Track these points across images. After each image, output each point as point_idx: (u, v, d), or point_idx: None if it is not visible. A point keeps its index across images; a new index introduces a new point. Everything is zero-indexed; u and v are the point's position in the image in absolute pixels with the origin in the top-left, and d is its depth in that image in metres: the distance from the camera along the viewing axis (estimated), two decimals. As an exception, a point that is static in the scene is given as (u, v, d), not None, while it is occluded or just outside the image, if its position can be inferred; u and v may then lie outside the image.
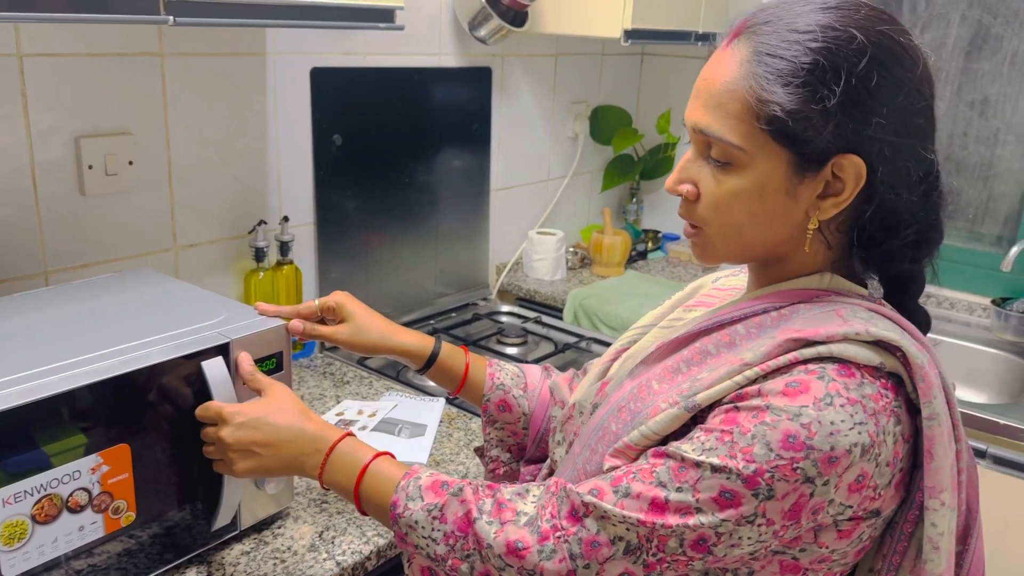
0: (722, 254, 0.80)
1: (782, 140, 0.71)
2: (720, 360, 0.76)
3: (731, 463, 0.67)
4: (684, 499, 0.68)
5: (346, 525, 1.11)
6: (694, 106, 0.76)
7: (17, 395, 0.80)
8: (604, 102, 2.34)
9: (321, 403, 1.44)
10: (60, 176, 1.27)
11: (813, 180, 0.73)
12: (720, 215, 0.76)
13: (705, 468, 0.68)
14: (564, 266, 2.19)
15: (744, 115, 0.72)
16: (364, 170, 1.74)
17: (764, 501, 0.67)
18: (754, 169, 0.73)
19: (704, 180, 0.76)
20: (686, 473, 0.69)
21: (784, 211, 0.75)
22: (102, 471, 0.86)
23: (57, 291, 1.11)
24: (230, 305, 1.08)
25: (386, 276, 1.83)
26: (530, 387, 1.07)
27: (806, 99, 0.69)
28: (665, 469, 0.70)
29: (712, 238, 0.79)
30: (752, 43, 0.72)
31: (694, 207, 0.78)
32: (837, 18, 0.71)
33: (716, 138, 0.73)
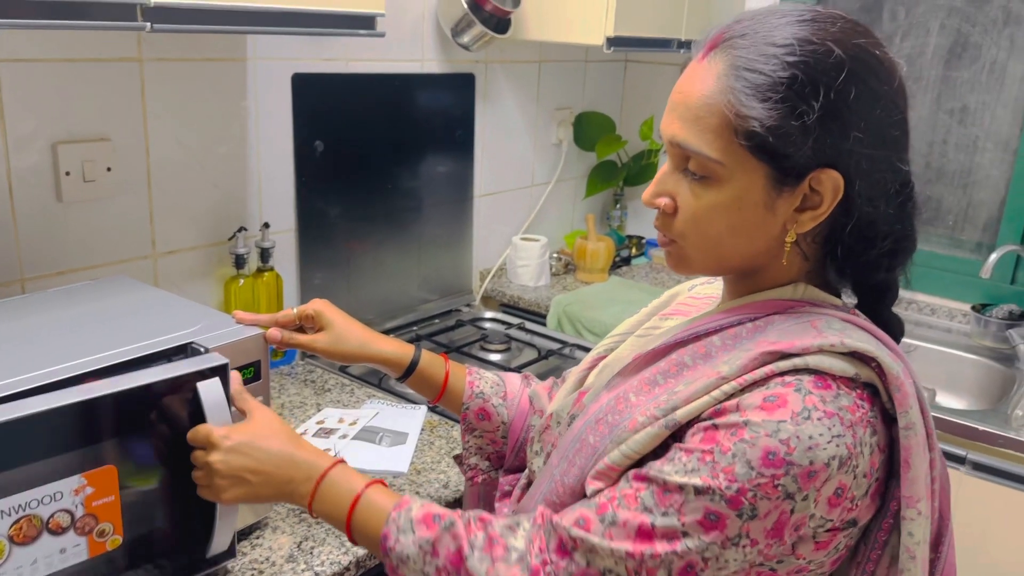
0: (698, 266, 0.80)
1: (760, 155, 0.71)
2: (697, 373, 0.76)
3: (713, 483, 0.67)
4: (670, 523, 0.68)
5: (325, 535, 1.10)
6: (670, 119, 0.76)
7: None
8: (587, 108, 2.35)
9: (302, 411, 1.43)
10: (37, 183, 1.26)
11: (791, 194, 0.73)
12: (698, 228, 0.76)
13: (689, 491, 0.68)
14: (548, 272, 2.19)
15: (722, 129, 0.72)
16: (346, 176, 1.73)
17: (748, 521, 0.67)
18: (733, 183, 0.73)
19: (682, 193, 0.76)
20: (670, 497, 0.69)
21: (762, 224, 0.75)
22: (86, 493, 0.82)
23: (33, 299, 1.10)
24: (208, 313, 1.07)
25: (369, 282, 1.83)
26: (509, 395, 1.07)
27: (785, 114, 0.69)
28: (649, 494, 0.70)
29: (688, 251, 0.78)
30: (729, 56, 0.72)
31: (671, 220, 0.78)
32: (814, 31, 0.71)
33: (694, 152, 0.73)
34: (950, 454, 1.55)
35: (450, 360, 1.09)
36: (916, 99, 0.78)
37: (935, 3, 2.02)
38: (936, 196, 2.09)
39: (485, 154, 2.06)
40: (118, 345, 0.94)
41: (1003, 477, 1.52)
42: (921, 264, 2.10)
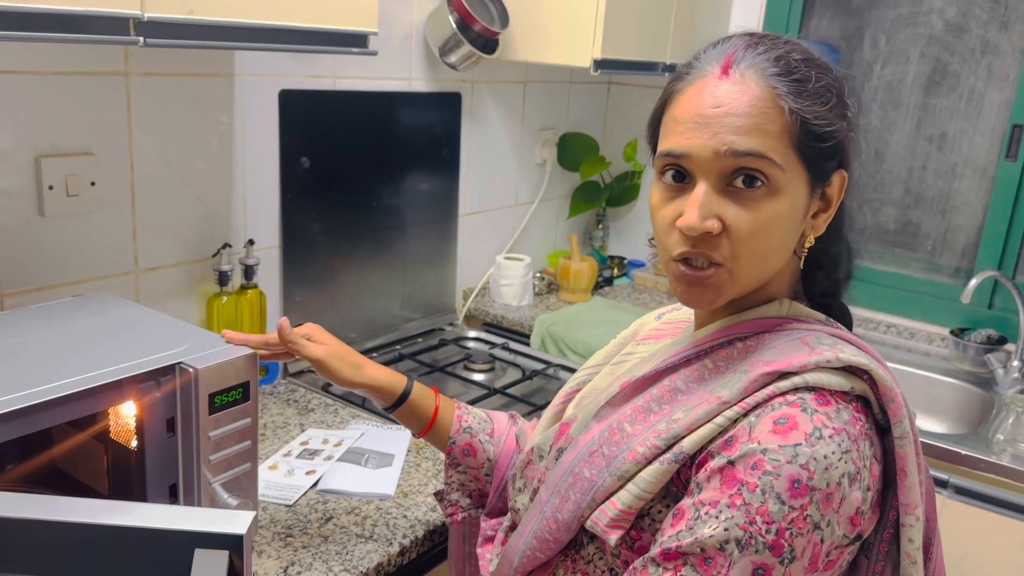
0: (738, 289, 0.76)
1: (808, 159, 0.74)
2: (693, 398, 0.75)
3: (752, 529, 0.66)
4: None
5: (311, 560, 1.08)
6: (712, 133, 0.72)
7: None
8: (572, 129, 2.36)
9: (285, 431, 1.41)
10: (19, 196, 1.23)
11: (816, 199, 0.77)
12: (754, 244, 0.73)
13: (731, 549, 0.66)
14: (531, 291, 2.18)
15: (781, 135, 0.72)
16: (331, 193, 1.72)
17: (789, 565, 0.66)
18: (788, 191, 0.74)
19: (730, 212, 0.73)
20: (714, 563, 0.66)
21: (797, 233, 0.77)
22: None
23: (15, 315, 1.07)
24: (195, 332, 1.05)
25: (352, 300, 1.81)
26: (496, 433, 1.06)
27: (837, 117, 0.74)
28: (691, 569, 0.67)
29: (736, 273, 0.74)
30: (760, 67, 0.73)
31: (718, 242, 0.73)
32: (813, 53, 0.77)
33: (760, 157, 0.71)
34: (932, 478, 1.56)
35: (440, 394, 1.07)
36: (896, 125, 0.87)
37: (915, 32, 2.06)
38: (915, 221, 2.12)
39: (470, 173, 2.06)
40: (105, 364, 0.92)
41: (985, 501, 1.54)
42: (900, 288, 2.13)
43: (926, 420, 1.96)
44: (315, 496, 1.22)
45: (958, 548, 1.54)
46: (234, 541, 0.63)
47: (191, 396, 0.96)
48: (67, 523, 0.63)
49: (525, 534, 0.85)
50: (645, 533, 0.74)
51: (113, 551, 0.65)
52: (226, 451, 1.01)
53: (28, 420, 0.84)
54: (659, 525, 0.73)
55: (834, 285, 0.84)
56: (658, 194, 0.78)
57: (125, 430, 1.00)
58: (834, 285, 0.84)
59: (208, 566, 0.64)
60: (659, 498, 0.74)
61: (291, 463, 1.30)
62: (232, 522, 0.64)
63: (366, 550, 1.10)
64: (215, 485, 1.00)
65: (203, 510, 0.66)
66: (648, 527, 0.74)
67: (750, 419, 0.70)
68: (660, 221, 0.77)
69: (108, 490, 1.03)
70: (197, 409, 0.97)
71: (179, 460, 0.99)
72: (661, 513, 0.74)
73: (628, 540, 0.75)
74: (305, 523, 1.15)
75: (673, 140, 0.75)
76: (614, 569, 0.78)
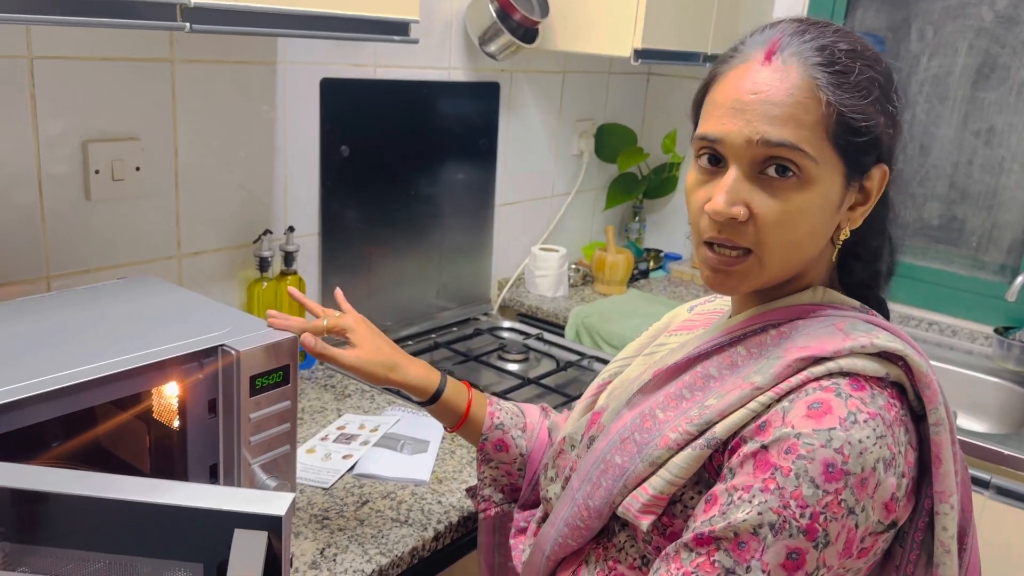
0: (765, 278, 0.77)
1: (844, 152, 0.73)
2: (726, 384, 0.75)
3: (786, 513, 0.65)
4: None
5: (348, 543, 1.09)
6: (746, 120, 0.72)
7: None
8: (610, 120, 2.34)
9: (322, 416, 1.42)
10: (66, 180, 1.26)
11: (853, 192, 0.76)
12: (782, 234, 0.73)
13: (764, 533, 0.66)
14: (566, 283, 2.18)
15: (816, 126, 0.71)
16: (370, 182, 1.73)
17: (823, 550, 0.66)
18: (820, 183, 0.73)
19: (758, 200, 0.73)
20: (747, 547, 0.66)
21: (830, 225, 0.77)
22: None
23: (61, 297, 1.09)
24: (237, 316, 1.06)
25: (389, 289, 1.82)
26: (529, 427, 1.06)
27: (878, 112, 0.73)
28: (724, 554, 0.67)
29: (765, 260, 0.75)
30: (804, 56, 0.72)
31: (744, 229, 0.74)
32: (862, 43, 0.75)
33: (792, 148, 0.71)
34: (974, 478, 1.54)
35: (473, 389, 1.07)
36: (942, 119, 0.86)
37: (964, 24, 2.02)
38: (960, 217, 2.08)
39: (507, 163, 2.06)
40: (150, 346, 0.94)
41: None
42: (943, 285, 2.09)
43: (968, 419, 1.93)
44: (351, 480, 1.23)
45: (999, 549, 1.51)
46: (273, 522, 0.64)
47: (232, 378, 0.98)
48: (110, 500, 0.65)
49: (557, 522, 0.85)
50: (677, 519, 0.74)
51: (155, 529, 0.66)
52: (266, 433, 1.02)
53: (74, 398, 0.86)
54: (691, 511, 0.73)
55: (872, 277, 0.83)
56: (693, 176, 0.79)
57: (168, 410, 1.01)
58: (872, 277, 0.83)
59: (247, 546, 0.64)
60: (691, 484, 0.74)
61: (328, 447, 1.31)
62: (272, 503, 0.65)
63: (401, 534, 1.11)
64: (254, 466, 1.02)
65: (243, 491, 0.67)
66: (680, 513, 0.74)
67: (783, 404, 0.70)
68: (693, 204, 0.78)
69: (150, 469, 1.05)
70: (238, 391, 0.98)
71: (220, 441, 1.00)
72: (693, 499, 0.74)
73: (660, 526, 0.75)
74: (341, 506, 1.17)
75: (710, 124, 0.75)
76: (646, 556, 0.78)
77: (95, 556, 0.66)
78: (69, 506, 0.65)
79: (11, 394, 0.80)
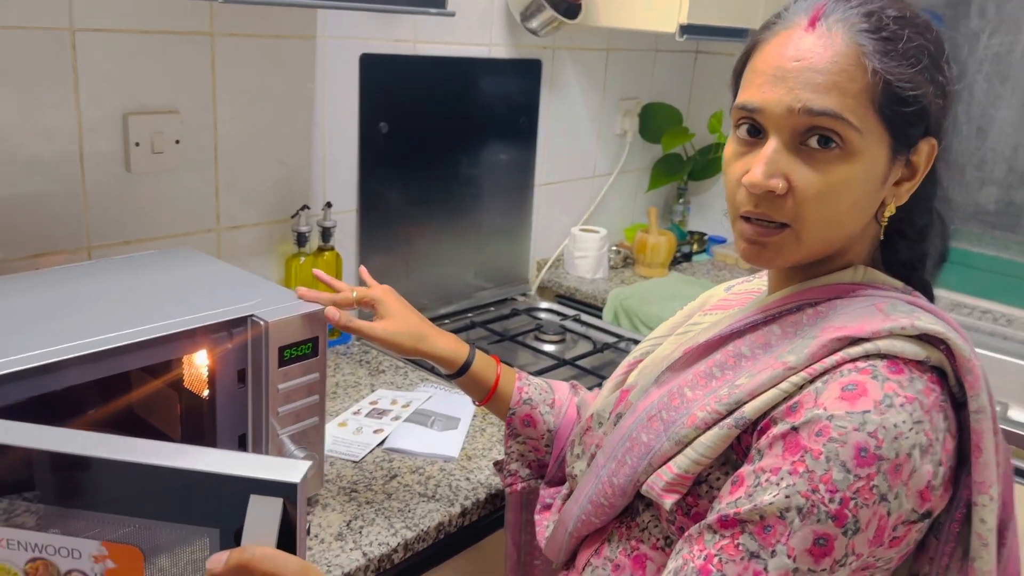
0: (803, 253, 0.74)
1: (891, 123, 0.70)
2: (758, 364, 0.73)
3: (815, 497, 0.63)
4: (782, 564, 0.63)
5: (375, 515, 1.09)
6: (788, 88, 0.70)
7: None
8: (654, 99, 2.30)
9: (356, 391, 1.43)
10: (107, 153, 1.27)
11: (899, 166, 0.73)
12: (822, 208, 0.71)
13: (791, 517, 0.64)
14: (606, 265, 2.15)
15: (861, 95, 0.69)
16: (409, 159, 1.72)
17: (852, 537, 0.63)
18: (864, 155, 0.70)
19: (798, 172, 0.70)
20: (773, 531, 0.64)
21: (874, 200, 0.74)
22: (107, 565, 0.67)
23: (97, 265, 1.11)
24: (268, 288, 1.07)
25: (426, 266, 1.82)
26: (557, 403, 1.05)
27: (926, 81, 0.70)
28: (749, 537, 0.65)
29: (804, 235, 0.72)
30: (850, 23, 0.69)
31: (782, 203, 0.71)
32: (912, 9, 0.72)
33: (835, 118, 0.68)
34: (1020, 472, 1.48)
35: (501, 363, 1.07)
36: (1002, 100, 0.82)
37: (1029, -1, 1.92)
38: (1018, 202, 1.99)
39: (548, 142, 2.03)
40: (181, 314, 0.95)
41: (1082, 500, 1.44)
42: (998, 272, 2.00)
43: (1022, 411, 1.85)
44: (381, 454, 1.24)
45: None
46: (288, 489, 0.63)
47: (261, 348, 0.98)
48: (127, 463, 0.65)
49: (580, 499, 0.85)
50: (702, 500, 0.72)
51: (171, 493, 0.66)
52: (294, 404, 1.03)
53: (104, 364, 0.87)
54: (717, 492, 0.71)
55: (917, 257, 0.79)
56: (731, 148, 0.76)
57: (198, 380, 1.03)
58: (917, 257, 0.79)
59: (262, 512, 0.64)
60: (718, 465, 0.72)
61: (360, 421, 1.32)
62: (288, 470, 0.64)
63: (428, 509, 1.11)
64: (283, 437, 1.03)
65: (261, 457, 0.67)
66: (705, 494, 0.72)
67: (817, 385, 0.67)
68: (730, 176, 0.76)
69: (181, 437, 1.06)
70: (267, 361, 0.99)
71: (248, 411, 1.01)
72: (719, 480, 0.72)
73: (684, 506, 0.74)
74: (370, 480, 1.17)
75: (750, 93, 0.73)
76: (669, 537, 0.76)
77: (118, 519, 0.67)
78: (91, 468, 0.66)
79: (42, 357, 0.82)
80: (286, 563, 0.62)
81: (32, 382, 0.81)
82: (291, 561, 0.63)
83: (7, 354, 0.81)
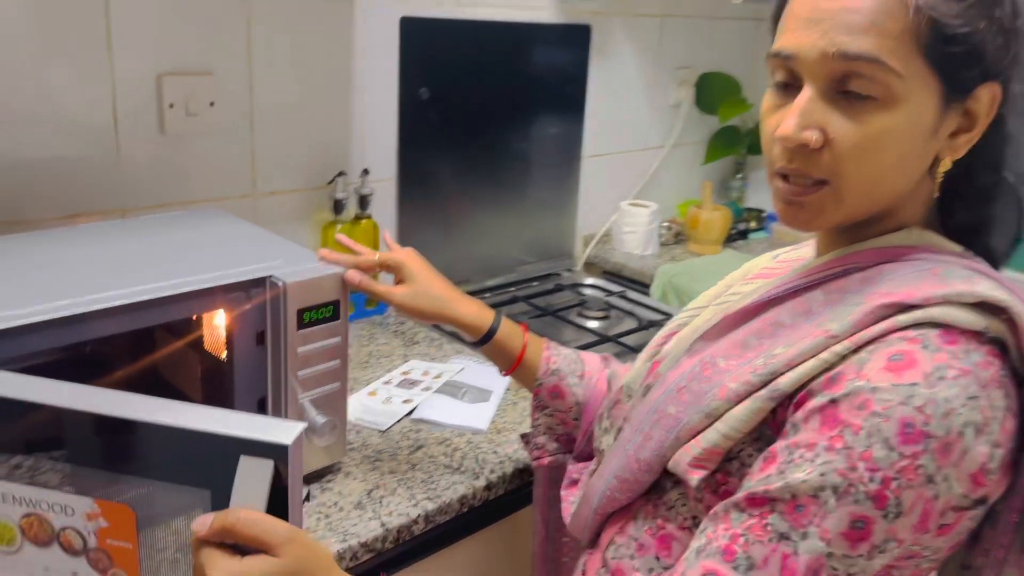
0: (844, 213, 0.68)
1: (940, 67, 0.63)
2: (797, 333, 0.67)
3: (852, 476, 0.57)
4: (814, 547, 0.58)
5: (396, 485, 1.06)
6: (822, 31, 0.64)
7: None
8: (712, 69, 2.20)
9: (388, 361, 1.40)
10: (141, 113, 1.27)
11: (954, 115, 0.66)
12: (862, 162, 0.65)
13: (826, 496, 0.58)
14: (656, 241, 2.08)
15: (903, 36, 0.62)
16: (450, 127, 1.68)
17: (893, 521, 0.57)
18: (908, 103, 0.63)
19: (835, 123, 0.65)
20: (805, 511, 0.58)
21: (924, 153, 0.66)
22: (100, 524, 0.65)
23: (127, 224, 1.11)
24: (292, 250, 1.05)
25: (467, 238, 1.78)
26: (587, 375, 1.00)
27: (977, 18, 0.62)
28: (778, 517, 0.60)
29: (844, 192, 0.66)
30: None
31: (819, 157, 0.66)
32: None
33: (873, 61, 0.62)
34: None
35: (529, 332, 1.02)
36: None
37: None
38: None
39: (596, 113, 1.96)
40: (196, 273, 0.93)
41: None
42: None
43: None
44: (409, 424, 1.21)
45: None
46: (279, 451, 0.60)
47: (280, 310, 0.96)
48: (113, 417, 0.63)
49: (606, 474, 0.80)
50: (732, 478, 0.67)
51: (160, 450, 0.64)
52: (315, 368, 1.00)
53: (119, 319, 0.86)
54: (748, 470, 0.66)
55: (980, 221, 0.71)
56: (768, 100, 0.71)
57: (218, 342, 1.01)
58: (980, 221, 0.71)
59: (252, 474, 0.61)
60: (750, 440, 0.67)
61: (390, 391, 1.29)
62: (280, 431, 0.61)
63: (451, 481, 1.08)
64: (303, 401, 1.00)
65: (255, 417, 0.63)
66: (736, 471, 0.67)
67: (861, 355, 0.61)
68: (766, 131, 0.71)
69: (202, 399, 1.05)
70: (285, 324, 0.96)
71: (268, 374, 0.99)
72: (751, 457, 0.66)
73: (713, 484, 0.68)
74: (395, 449, 1.14)
75: (784, 39, 0.67)
76: (697, 516, 0.71)
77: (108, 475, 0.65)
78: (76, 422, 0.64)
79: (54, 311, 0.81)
80: (274, 528, 0.59)
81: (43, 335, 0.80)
82: (279, 526, 0.59)
83: (25, 306, 0.80)
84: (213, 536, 0.59)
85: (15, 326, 0.78)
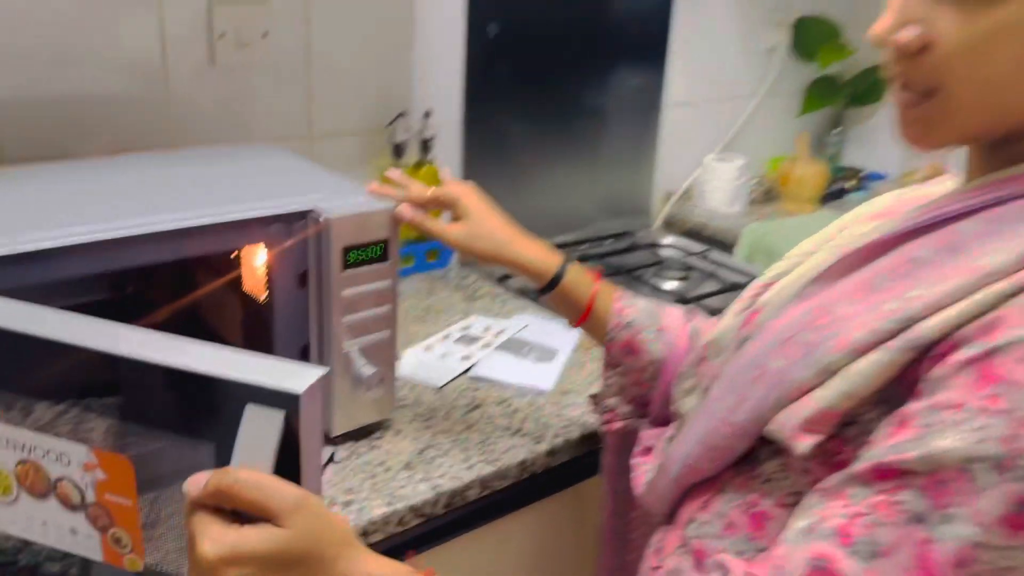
0: (960, 130, 0.57)
1: None
2: (941, 271, 0.54)
3: (1016, 446, 0.45)
4: (961, 533, 0.46)
5: (450, 446, 0.97)
6: None
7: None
8: (810, 12, 2.01)
9: (448, 316, 1.31)
10: (190, 43, 1.19)
11: None
12: (974, 66, 0.53)
13: (979, 469, 0.46)
14: (744, 198, 1.91)
15: None
16: (520, 67, 1.56)
17: None
18: None
19: (940, 20, 0.53)
20: (950, 488, 0.47)
21: None
22: (96, 476, 0.58)
23: (174, 156, 1.04)
24: (339, 184, 0.96)
25: (537, 190, 1.67)
26: (666, 329, 0.88)
27: None
28: (914, 494, 0.48)
29: (957, 102, 0.55)
30: None
31: (923, 61, 0.55)
32: None
33: None
34: None
35: (601, 280, 0.91)
36: None
37: None
38: None
39: (681, 57, 1.80)
40: (237, 203, 0.85)
41: None
42: None
43: None
44: (466, 382, 1.11)
45: None
46: (290, 400, 0.50)
47: (324, 248, 0.87)
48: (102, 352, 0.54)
49: (689, 440, 0.69)
50: (849, 446, 0.55)
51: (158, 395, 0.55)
52: (361, 314, 0.91)
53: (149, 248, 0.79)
54: (870, 437, 0.53)
55: None
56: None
57: (259, 283, 0.93)
58: None
59: (259, 428, 0.51)
60: (874, 402, 0.54)
61: (448, 347, 1.20)
62: (292, 378, 0.51)
63: (510, 444, 0.98)
64: (349, 350, 0.91)
65: (268, 360, 0.53)
66: (855, 439, 0.55)
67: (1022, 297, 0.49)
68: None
69: (243, 345, 0.98)
70: (329, 263, 0.87)
71: (310, 318, 0.91)
72: (875, 422, 0.54)
73: (824, 453, 0.56)
74: (450, 408, 1.05)
75: None
76: (801, 492, 0.59)
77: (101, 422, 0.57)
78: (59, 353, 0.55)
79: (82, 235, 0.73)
80: (279, 493, 0.49)
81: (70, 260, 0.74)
82: (286, 491, 0.50)
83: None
84: (208, 499, 0.50)
85: (44, 248, 0.72)
